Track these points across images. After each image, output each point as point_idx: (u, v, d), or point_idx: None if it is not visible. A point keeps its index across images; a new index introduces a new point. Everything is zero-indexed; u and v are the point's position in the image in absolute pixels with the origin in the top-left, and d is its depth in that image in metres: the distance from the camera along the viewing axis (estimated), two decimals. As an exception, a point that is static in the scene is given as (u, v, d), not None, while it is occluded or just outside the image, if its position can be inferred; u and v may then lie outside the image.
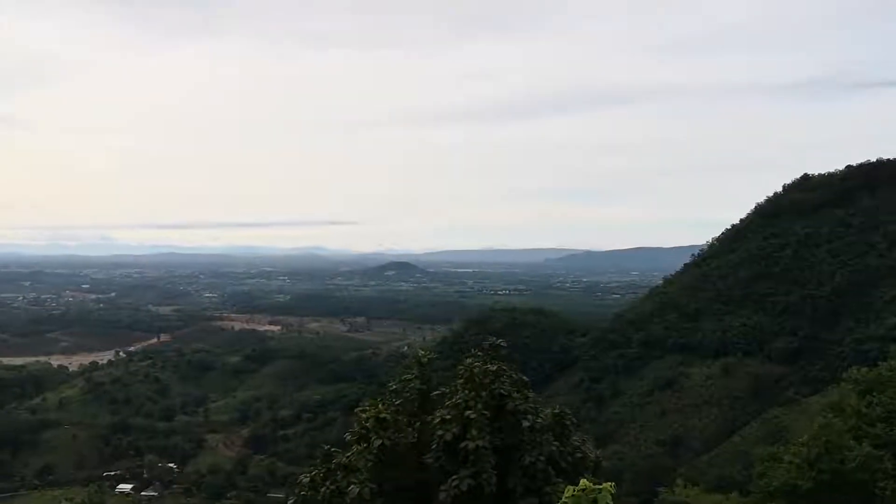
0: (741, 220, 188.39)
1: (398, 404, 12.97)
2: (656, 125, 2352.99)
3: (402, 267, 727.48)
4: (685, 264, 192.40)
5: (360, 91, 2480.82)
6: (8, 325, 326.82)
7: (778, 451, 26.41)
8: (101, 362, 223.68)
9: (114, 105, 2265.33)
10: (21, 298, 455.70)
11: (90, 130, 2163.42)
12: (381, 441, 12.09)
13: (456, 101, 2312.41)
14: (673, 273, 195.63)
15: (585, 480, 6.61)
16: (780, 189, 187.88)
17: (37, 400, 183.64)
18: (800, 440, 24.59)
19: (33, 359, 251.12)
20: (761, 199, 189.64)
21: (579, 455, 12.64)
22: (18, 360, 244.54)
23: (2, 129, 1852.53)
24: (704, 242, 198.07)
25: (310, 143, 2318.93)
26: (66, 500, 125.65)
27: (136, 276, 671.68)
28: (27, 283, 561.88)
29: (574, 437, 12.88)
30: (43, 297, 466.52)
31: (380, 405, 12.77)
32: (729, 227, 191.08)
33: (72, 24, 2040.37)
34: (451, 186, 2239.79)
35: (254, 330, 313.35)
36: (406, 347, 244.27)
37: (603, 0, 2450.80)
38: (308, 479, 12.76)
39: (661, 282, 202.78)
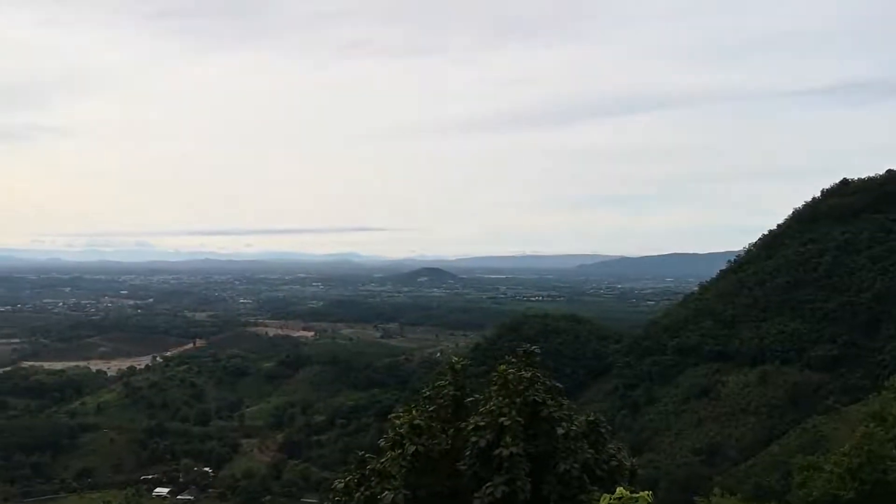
0: (778, 226, 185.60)
1: (432, 411, 12.92)
2: (691, 131, 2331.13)
3: (435, 273, 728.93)
4: (721, 270, 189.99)
5: (394, 98, 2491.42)
6: (49, 330, 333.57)
7: (818, 461, 25.93)
8: (138, 367, 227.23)
9: (152, 114, 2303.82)
10: (61, 304, 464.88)
11: (129, 139, 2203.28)
12: (414, 447, 12.05)
13: (490, 107, 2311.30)
14: (708, 279, 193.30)
15: (622, 489, 6.53)
16: (818, 194, 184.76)
17: (76, 404, 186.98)
18: (840, 450, 24.11)
19: (73, 363, 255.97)
20: (799, 204, 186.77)
21: (615, 463, 12.49)
22: (59, 365, 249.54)
23: (44, 137, 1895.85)
24: (741, 248, 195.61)
25: (344, 150, 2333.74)
26: (105, 502, 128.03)
27: (172, 282, 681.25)
28: (67, 289, 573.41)
29: (609, 445, 12.72)
30: (82, 302, 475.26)
31: (413, 411, 12.74)
32: (766, 232, 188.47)
33: (112, 36, 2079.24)
34: (484, 193, 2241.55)
35: (288, 336, 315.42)
36: (439, 354, 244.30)
37: (637, 6, 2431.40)
38: (342, 484, 12.76)
39: (696, 288, 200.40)
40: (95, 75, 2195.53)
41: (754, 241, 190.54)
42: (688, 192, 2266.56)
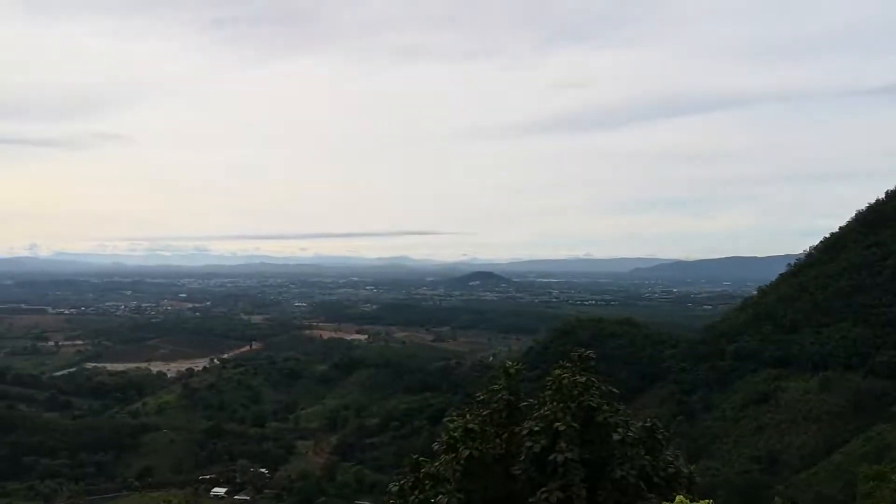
0: (840, 229, 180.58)
1: (486, 415, 12.88)
2: (750, 132, 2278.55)
3: (487, 277, 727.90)
4: (781, 274, 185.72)
5: (447, 103, 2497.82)
6: (111, 332, 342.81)
7: (884, 470, 25.15)
8: (196, 369, 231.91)
9: (210, 121, 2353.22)
10: (123, 307, 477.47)
11: (188, 146, 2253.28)
12: (469, 451, 12.03)
13: (544, 110, 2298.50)
14: (768, 283, 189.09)
15: (682, 497, 6.41)
16: (881, 196, 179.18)
17: (138, 404, 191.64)
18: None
19: (134, 365, 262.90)
20: (862, 206, 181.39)
21: (672, 470, 12.27)
22: (121, 367, 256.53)
23: (107, 145, 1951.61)
24: (801, 252, 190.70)
25: (397, 154, 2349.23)
26: (165, 501, 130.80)
27: (229, 285, 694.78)
28: (128, 293, 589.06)
29: (666, 452, 12.51)
30: (143, 305, 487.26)
31: (468, 415, 12.73)
32: (827, 235, 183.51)
33: (172, 45, 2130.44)
34: (537, 196, 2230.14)
35: (342, 339, 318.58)
36: (491, 357, 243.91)
37: (693, 6, 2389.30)
38: (397, 487, 12.80)
39: (755, 292, 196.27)
40: (156, 84, 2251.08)
41: (815, 244, 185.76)
42: (746, 194, 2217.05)
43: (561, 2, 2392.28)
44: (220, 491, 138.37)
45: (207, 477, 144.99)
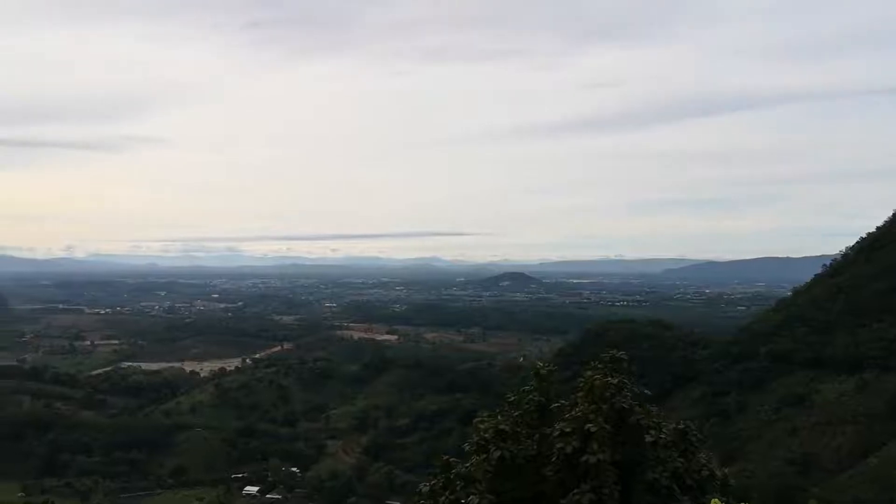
0: (877, 229, 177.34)
1: (517, 416, 12.86)
2: (783, 131, 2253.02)
3: (517, 278, 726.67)
4: (816, 275, 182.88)
5: (476, 103, 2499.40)
6: (146, 332, 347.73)
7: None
8: (229, 369, 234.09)
9: (242, 124, 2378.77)
10: (157, 307, 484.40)
11: (220, 148, 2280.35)
12: (500, 452, 12.01)
13: (574, 110, 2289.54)
14: (802, 284, 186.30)
15: (716, 500, 6.34)
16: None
17: (171, 403, 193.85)
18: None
19: (168, 365, 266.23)
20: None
21: (706, 473, 12.15)
22: (155, 366, 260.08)
23: (142, 148, 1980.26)
24: (837, 252, 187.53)
25: (428, 155, 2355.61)
26: (198, 499, 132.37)
27: (261, 286, 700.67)
28: (163, 293, 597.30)
29: (700, 454, 12.40)
30: (177, 305, 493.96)
31: (499, 416, 12.72)
32: (864, 236, 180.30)
33: (205, 48, 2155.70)
34: (568, 196, 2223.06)
35: (372, 339, 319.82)
36: (522, 358, 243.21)
37: (722, 5, 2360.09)
38: (427, 488, 12.83)
39: (789, 293, 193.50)
40: (190, 87, 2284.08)
41: (851, 244, 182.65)
42: (780, 194, 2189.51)
43: (590, 1, 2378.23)
44: (252, 490, 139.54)
45: (240, 476, 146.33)
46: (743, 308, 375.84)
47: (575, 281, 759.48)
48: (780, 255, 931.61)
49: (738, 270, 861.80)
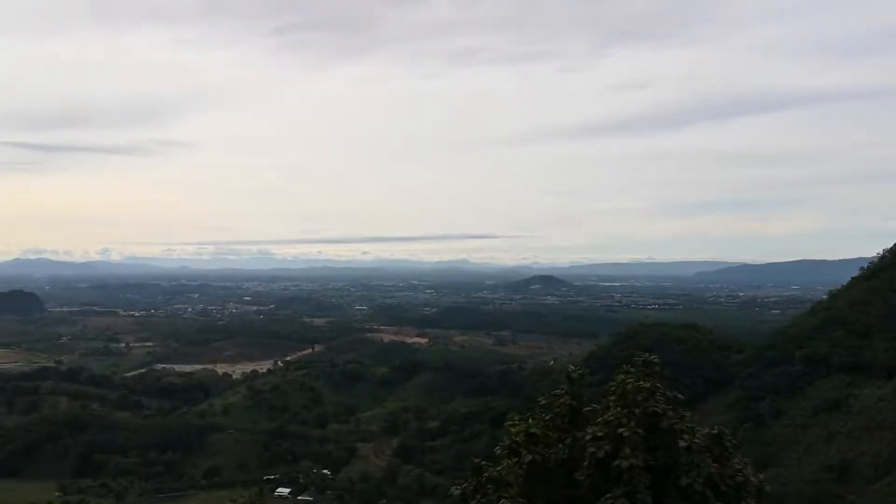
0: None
1: (548, 419, 12.77)
2: (818, 131, 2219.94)
3: (547, 280, 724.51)
4: (853, 277, 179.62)
5: (506, 105, 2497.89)
6: (179, 334, 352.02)
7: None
8: (261, 371, 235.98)
9: (272, 127, 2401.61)
10: (190, 310, 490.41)
11: (251, 152, 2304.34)
12: (531, 456, 11.95)
13: (604, 112, 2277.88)
14: (839, 287, 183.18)
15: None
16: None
17: (204, 405, 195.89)
18: None
19: (201, 366, 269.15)
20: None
21: (741, 478, 11.97)
22: (188, 368, 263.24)
23: (173, 152, 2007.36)
24: (875, 254, 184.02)
25: (456, 158, 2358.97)
26: (231, 501, 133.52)
27: (292, 288, 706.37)
28: (196, 296, 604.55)
29: (734, 459, 12.22)
30: (210, 308, 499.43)
31: (530, 420, 12.66)
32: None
33: (235, 53, 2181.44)
34: (598, 199, 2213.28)
35: (402, 342, 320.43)
36: (552, 362, 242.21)
37: (752, 5, 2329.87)
38: (459, 491, 12.80)
39: (825, 296, 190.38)
40: (220, 91, 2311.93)
41: (889, 246, 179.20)
42: (815, 195, 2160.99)
43: (618, 2, 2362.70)
44: (284, 491, 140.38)
45: (272, 477, 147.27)
46: (777, 311, 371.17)
47: (606, 284, 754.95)
48: (815, 258, 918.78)
49: (773, 273, 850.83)
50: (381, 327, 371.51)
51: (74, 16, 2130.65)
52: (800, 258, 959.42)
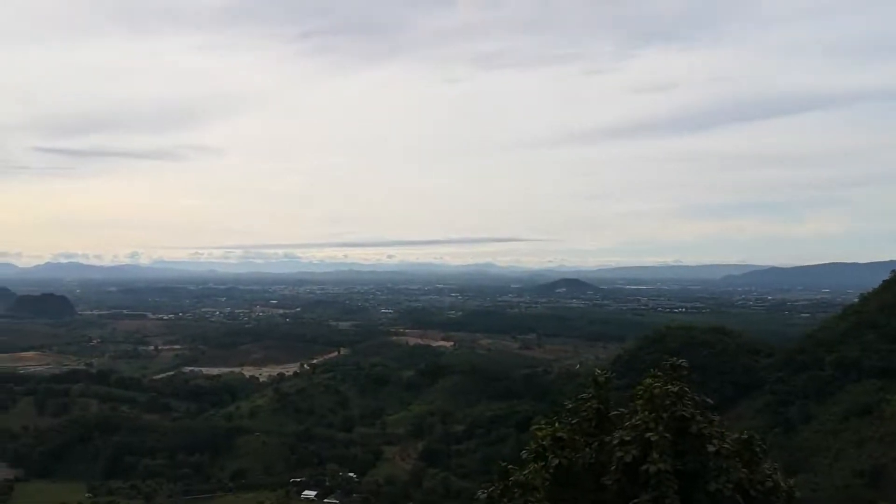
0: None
1: (575, 423, 12.73)
2: (847, 132, 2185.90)
3: (573, 284, 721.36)
4: (885, 280, 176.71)
5: (532, 108, 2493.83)
6: (207, 337, 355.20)
7: None
8: (287, 374, 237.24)
9: (297, 131, 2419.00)
10: (218, 313, 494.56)
11: (277, 156, 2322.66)
12: (558, 460, 11.92)
13: (629, 114, 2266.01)
14: (870, 290, 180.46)
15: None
16: None
17: (231, 408, 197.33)
18: None
19: (228, 369, 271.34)
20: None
21: (770, 484, 11.83)
22: (216, 370, 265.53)
23: (200, 157, 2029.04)
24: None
25: (481, 161, 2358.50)
26: (258, 503, 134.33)
27: (318, 292, 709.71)
28: (223, 299, 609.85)
29: (764, 465, 12.08)
30: (237, 311, 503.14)
31: (556, 424, 12.61)
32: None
33: (260, 58, 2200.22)
34: (625, 201, 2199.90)
35: (427, 345, 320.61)
36: (578, 365, 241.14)
37: (779, 5, 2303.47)
38: (485, 495, 12.78)
39: (856, 299, 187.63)
40: (247, 96, 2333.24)
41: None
42: (845, 197, 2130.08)
43: (642, 3, 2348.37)
44: (311, 494, 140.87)
45: (298, 480, 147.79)
46: (807, 315, 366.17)
47: (632, 287, 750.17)
48: (846, 261, 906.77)
49: (803, 276, 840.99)
50: (407, 331, 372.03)
51: (105, 23, 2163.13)
52: (830, 261, 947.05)
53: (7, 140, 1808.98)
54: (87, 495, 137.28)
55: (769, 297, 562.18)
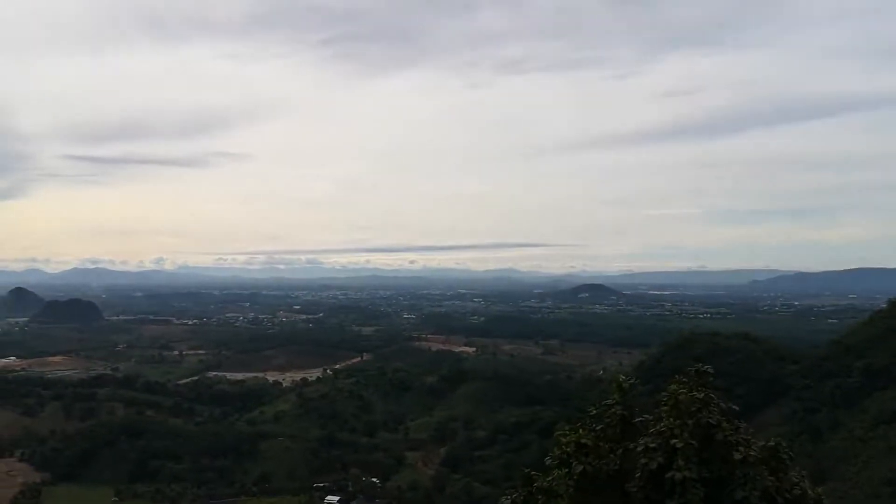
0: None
1: (599, 430, 12.64)
2: (875, 136, 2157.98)
3: (596, 289, 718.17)
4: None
5: (556, 113, 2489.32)
6: (231, 342, 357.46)
7: None
8: (310, 379, 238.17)
9: (321, 138, 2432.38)
10: (242, 318, 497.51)
11: (301, 162, 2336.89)
12: (582, 467, 11.85)
13: (654, 118, 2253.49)
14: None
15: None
16: None
17: (255, 412, 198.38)
18: None
19: (252, 374, 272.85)
20: None
21: (798, 492, 11.68)
22: (239, 375, 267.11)
23: (225, 163, 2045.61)
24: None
25: (504, 167, 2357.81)
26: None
27: (341, 297, 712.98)
28: (247, 304, 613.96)
29: (792, 473, 11.93)
30: (260, 317, 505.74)
31: (580, 430, 12.54)
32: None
33: (285, 65, 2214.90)
34: (648, 206, 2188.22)
35: (450, 350, 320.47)
36: (602, 371, 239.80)
37: (807, 8, 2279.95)
38: (509, 501, 12.75)
39: (884, 305, 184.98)
40: (271, 103, 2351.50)
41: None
42: (873, 202, 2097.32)
43: (667, 8, 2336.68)
44: (334, 499, 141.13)
45: (321, 485, 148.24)
46: (835, 321, 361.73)
47: (656, 292, 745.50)
48: (873, 266, 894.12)
49: (830, 281, 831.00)
50: (430, 336, 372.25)
51: (132, 32, 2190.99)
52: (857, 266, 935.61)
53: (37, 148, 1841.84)
54: (113, 499, 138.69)
55: (796, 303, 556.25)
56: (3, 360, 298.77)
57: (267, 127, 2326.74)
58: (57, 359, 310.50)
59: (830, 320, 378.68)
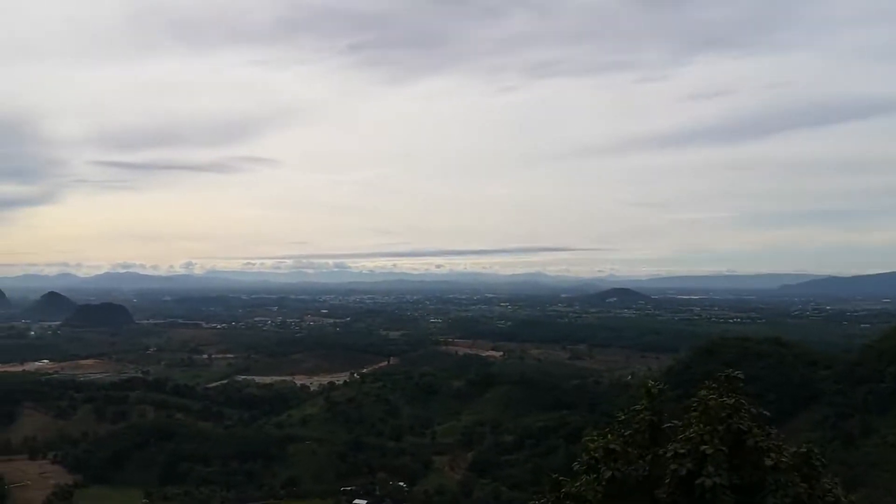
0: None
1: (627, 435, 12.58)
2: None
3: (624, 293, 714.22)
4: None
5: (585, 117, 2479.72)
6: (259, 346, 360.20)
7: None
8: (337, 383, 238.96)
9: (349, 143, 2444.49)
10: (269, 322, 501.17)
11: (328, 168, 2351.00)
12: (611, 472, 11.80)
13: (684, 121, 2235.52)
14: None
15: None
16: None
17: (283, 416, 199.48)
18: None
19: (280, 378, 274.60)
20: None
21: (830, 499, 11.54)
22: (268, 379, 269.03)
23: (254, 169, 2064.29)
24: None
25: (532, 171, 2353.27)
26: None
27: (368, 301, 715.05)
28: (274, 308, 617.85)
29: (824, 479, 11.78)
30: (288, 320, 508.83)
31: (609, 435, 12.49)
32: None
33: (312, 71, 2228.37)
34: (677, 210, 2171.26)
35: (477, 355, 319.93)
36: (630, 376, 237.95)
37: (839, 9, 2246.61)
38: (537, 506, 12.73)
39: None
40: (299, 108, 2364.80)
41: None
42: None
43: (698, 10, 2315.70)
44: (361, 503, 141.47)
45: (348, 488, 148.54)
46: (867, 326, 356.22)
47: (685, 297, 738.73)
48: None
49: (862, 286, 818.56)
50: (456, 340, 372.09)
51: (163, 40, 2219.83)
52: (890, 270, 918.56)
53: (69, 154, 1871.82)
54: (143, 501, 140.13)
55: (827, 307, 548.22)
56: (37, 364, 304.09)
57: (295, 132, 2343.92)
58: (89, 362, 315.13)
59: (863, 325, 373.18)
